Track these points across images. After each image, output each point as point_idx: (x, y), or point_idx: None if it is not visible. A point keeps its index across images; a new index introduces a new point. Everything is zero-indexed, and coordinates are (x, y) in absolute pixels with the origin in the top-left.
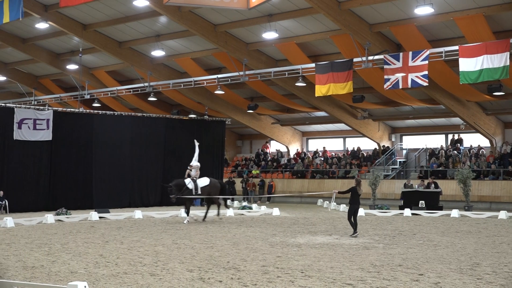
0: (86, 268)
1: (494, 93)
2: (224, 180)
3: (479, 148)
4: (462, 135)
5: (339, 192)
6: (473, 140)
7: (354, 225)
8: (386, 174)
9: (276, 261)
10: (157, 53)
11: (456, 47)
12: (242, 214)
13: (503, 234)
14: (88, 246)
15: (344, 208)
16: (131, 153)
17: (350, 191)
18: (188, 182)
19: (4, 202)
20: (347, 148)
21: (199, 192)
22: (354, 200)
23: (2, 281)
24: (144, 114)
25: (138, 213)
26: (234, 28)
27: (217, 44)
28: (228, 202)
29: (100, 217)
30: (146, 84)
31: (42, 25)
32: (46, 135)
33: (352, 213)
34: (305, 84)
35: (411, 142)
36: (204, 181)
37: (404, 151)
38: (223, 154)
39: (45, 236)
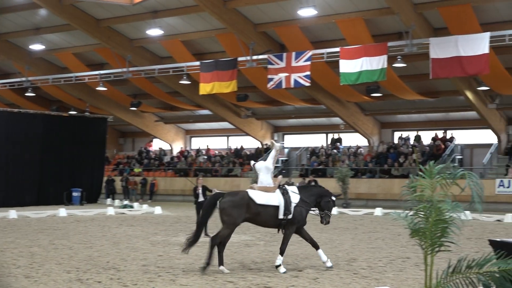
0: None
1: (372, 94)
2: (104, 178)
3: (357, 147)
4: (341, 135)
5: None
6: (352, 139)
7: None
8: None
9: (157, 260)
10: (36, 46)
11: (337, 49)
12: (123, 213)
13: (378, 230)
14: None
15: None
16: (6, 151)
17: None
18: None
19: None
20: (230, 146)
21: None
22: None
23: None
24: (20, 110)
25: (12, 213)
26: (117, 24)
27: (99, 39)
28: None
29: None
30: (23, 78)
31: None
32: None
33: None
34: (189, 82)
35: (293, 141)
36: None
37: (286, 150)
38: (104, 152)
39: None
